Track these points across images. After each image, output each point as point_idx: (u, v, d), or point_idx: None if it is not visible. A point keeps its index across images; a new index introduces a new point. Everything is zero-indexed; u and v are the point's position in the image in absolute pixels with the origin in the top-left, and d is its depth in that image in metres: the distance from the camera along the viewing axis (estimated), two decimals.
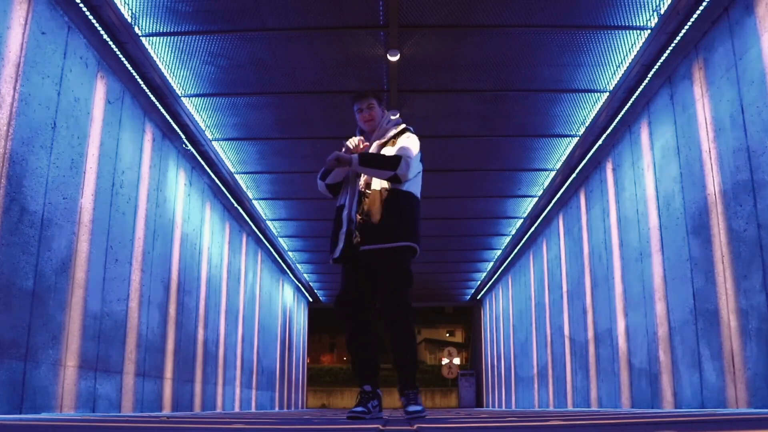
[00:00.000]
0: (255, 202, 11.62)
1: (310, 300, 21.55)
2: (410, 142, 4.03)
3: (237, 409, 11.88)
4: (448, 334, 54.40)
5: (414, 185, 4.03)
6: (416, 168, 4.01)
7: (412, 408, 3.74)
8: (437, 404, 33.36)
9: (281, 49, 7.02)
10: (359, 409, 3.77)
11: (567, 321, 11.06)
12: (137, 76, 6.95)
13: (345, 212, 3.95)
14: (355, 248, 3.88)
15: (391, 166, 3.84)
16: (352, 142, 4.08)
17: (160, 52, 6.87)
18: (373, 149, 4.04)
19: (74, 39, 5.85)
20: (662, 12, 6.14)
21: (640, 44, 6.67)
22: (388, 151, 3.98)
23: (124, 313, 6.99)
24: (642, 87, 7.22)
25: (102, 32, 6.12)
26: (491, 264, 16.99)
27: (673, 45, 6.42)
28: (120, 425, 2.88)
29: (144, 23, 6.38)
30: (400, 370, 3.91)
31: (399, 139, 4.04)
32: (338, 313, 4.01)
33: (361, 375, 3.97)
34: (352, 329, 3.98)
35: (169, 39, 6.71)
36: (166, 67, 7.12)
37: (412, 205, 4.02)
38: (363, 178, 3.95)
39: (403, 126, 4.20)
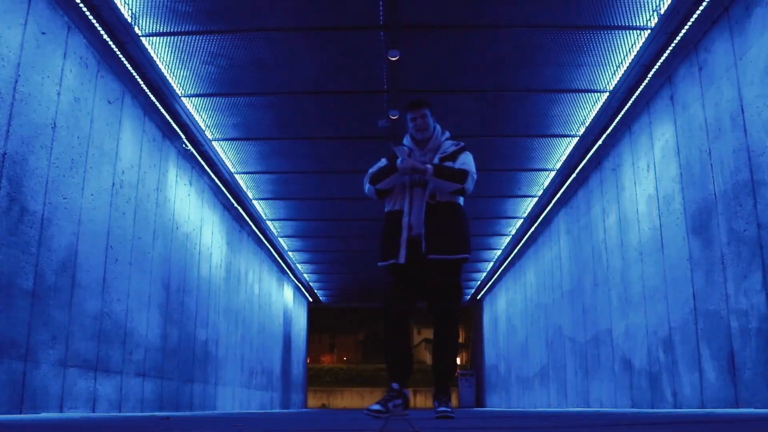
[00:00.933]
0: (255, 202, 11.61)
1: (310, 300, 21.56)
2: (471, 160, 4.30)
3: (237, 409, 11.88)
4: None
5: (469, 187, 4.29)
6: (475, 181, 4.32)
7: (442, 409, 3.99)
8: None
9: (281, 49, 7.02)
10: (376, 407, 3.88)
11: (567, 321, 11.06)
12: (137, 76, 6.96)
13: (405, 219, 4.15)
14: (413, 255, 4.09)
15: (460, 179, 4.14)
16: (403, 151, 4.28)
17: (160, 52, 6.87)
18: (435, 160, 4.25)
19: (74, 39, 5.85)
20: (662, 12, 6.14)
21: (640, 44, 6.67)
22: (450, 165, 4.24)
23: (124, 313, 6.99)
24: (642, 87, 7.22)
25: (102, 32, 6.12)
26: (491, 264, 16.99)
27: (673, 45, 6.42)
28: (121, 425, 2.88)
29: (144, 23, 6.38)
30: (440, 376, 4.14)
31: (460, 156, 4.28)
32: (388, 316, 4.15)
33: (393, 371, 4.11)
34: (396, 327, 4.14)
35: (169, 39, 6.71)
36: (166, 67, 7.12)
37: (467, 219, 4.35)
38: (427, 191, 4.16)
39: (462, 144, 4.42)
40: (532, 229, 12.85)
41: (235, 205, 11.21)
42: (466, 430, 2.36)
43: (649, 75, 6.99)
